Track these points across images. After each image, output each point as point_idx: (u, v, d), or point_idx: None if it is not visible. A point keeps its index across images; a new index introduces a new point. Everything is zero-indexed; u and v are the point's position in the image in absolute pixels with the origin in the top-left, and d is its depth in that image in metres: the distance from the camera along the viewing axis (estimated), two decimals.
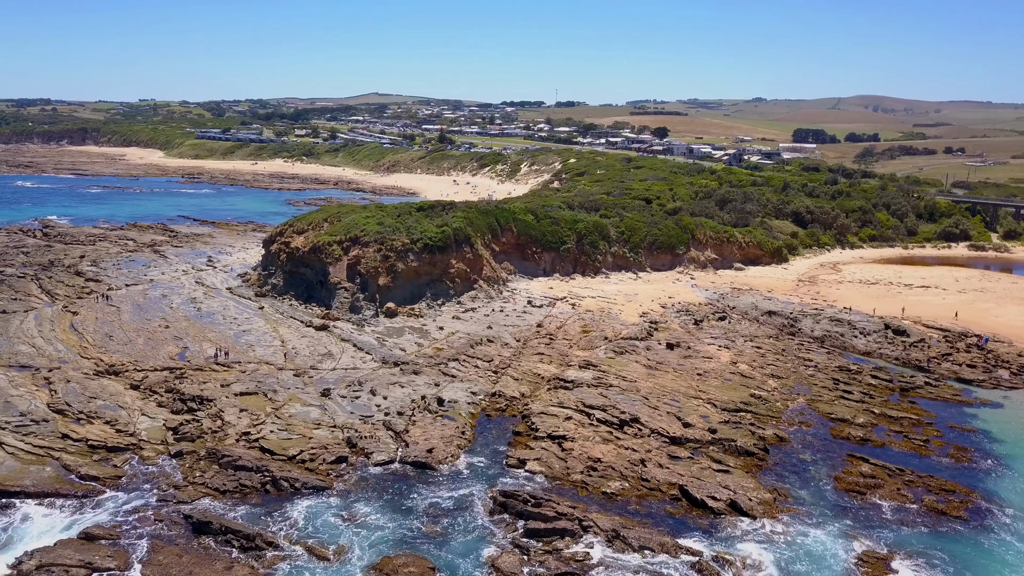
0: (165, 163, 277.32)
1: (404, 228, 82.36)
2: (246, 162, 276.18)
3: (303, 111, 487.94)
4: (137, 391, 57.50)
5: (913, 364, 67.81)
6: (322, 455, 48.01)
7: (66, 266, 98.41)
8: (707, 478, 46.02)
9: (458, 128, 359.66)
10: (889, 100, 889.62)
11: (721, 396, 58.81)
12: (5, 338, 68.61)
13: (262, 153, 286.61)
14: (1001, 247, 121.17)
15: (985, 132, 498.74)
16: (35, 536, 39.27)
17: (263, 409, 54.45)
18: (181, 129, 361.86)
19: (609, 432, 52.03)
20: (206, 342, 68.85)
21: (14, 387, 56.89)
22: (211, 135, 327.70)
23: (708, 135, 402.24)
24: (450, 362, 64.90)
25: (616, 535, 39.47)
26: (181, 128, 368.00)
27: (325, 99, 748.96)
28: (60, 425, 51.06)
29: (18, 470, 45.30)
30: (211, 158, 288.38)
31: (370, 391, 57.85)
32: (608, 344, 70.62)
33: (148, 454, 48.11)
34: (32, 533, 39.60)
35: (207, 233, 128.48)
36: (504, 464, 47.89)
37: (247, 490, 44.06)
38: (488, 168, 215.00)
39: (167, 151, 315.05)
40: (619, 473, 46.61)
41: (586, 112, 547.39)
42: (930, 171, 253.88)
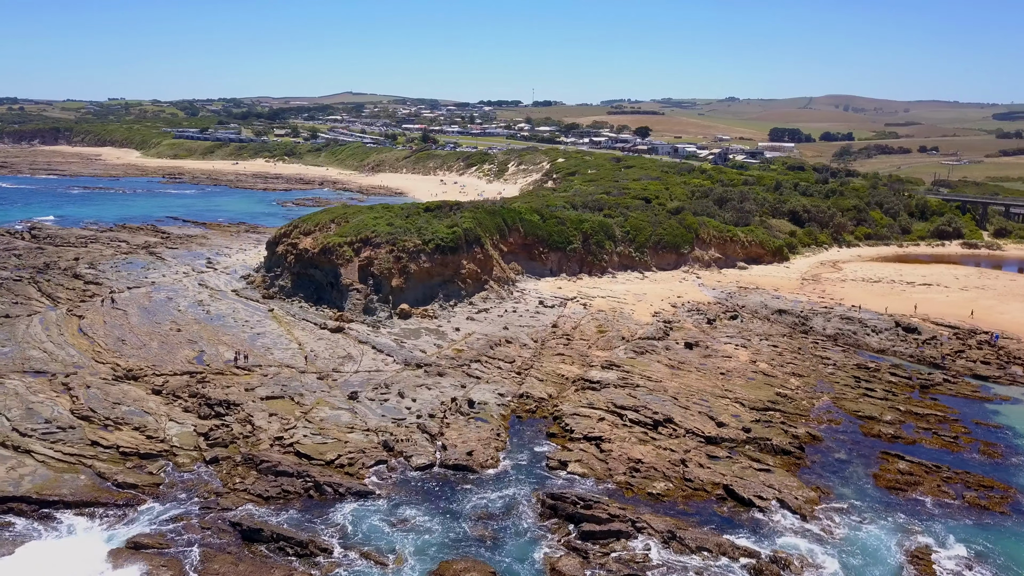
0: (144, 163, 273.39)
1: (415, 229, 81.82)
2: (226, 162, 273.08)
3: (280, 110, 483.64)
4: (160, 396, 56.51)
5: (928, 361, 68.62)
6: (360, 459, 47.49)
7: (62, 269, 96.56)
8: (749, 477, 46.18)
9: (438, 127, 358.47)
10: (859, 100, 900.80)
11: (748, 395, 59.07)
12: (14, 343, 67.13)
13: (242, 153, 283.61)
14: (993, 245, 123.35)
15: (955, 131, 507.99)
16: (80, 546, 38.38)
17: (292, 413, 53.75)
18: (157, 129, 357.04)
19: (644, 433, 52.01)
20: (222, 345, 67.88)
21: (33, 393, 55.64)
22: (188, 135, 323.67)
23: (686, 134, 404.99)
24: (472, 363, 64.55)
25: (672, 536, 39.45)
26: (157, 128, 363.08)
27: (299, 98, 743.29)
28: (88, 432, 50.02)
29: (52, 479, 44.29)
30: (190, 158, 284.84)
31: (398, 393, 57.36)
32: (626, 344, 70.67)
33: (183, 460, 47.28)
34: (77, 543, 38.68)
35: (200, 235, 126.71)
36: (545, 466, 47.67)
37: (290, 496, 43.46)
38: (475, 168, 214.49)
39: (144, 151, 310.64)
40: (661, 474, 46.61)
41: (563, 111, 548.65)
42: (908, 170, 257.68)
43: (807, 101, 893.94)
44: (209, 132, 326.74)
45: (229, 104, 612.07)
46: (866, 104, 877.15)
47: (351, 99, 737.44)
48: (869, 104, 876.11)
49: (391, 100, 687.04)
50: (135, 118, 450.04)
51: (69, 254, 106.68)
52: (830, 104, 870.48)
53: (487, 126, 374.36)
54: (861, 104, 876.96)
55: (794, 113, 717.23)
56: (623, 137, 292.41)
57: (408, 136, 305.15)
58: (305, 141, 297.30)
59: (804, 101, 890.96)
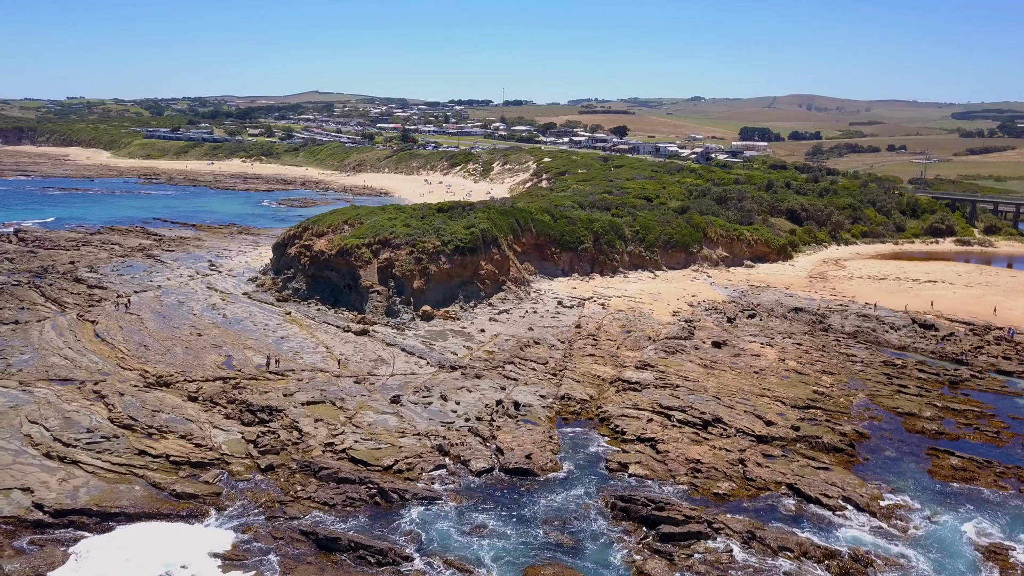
0: (116, 164, 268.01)
1: (432, 230, 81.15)
2: (202, 162, 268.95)
3: (250, 109, 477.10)
4: (196, 403, 55.31)
5: (950, 357, 69.71)
6: (419, 464, 46.88)
7: (61, 273, 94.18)
8: (809, 475, 46.43)
9: (413, 127, 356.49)
10: (821, 99, 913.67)
11: (786, 393, 59.46)
12: (32, 350, 65.24)
13: (217, 153, 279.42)
14: (985, 242, 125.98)
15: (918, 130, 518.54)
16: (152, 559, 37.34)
17: (336, 418, 52.92)
18: (125, 128, 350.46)
19: (695, 433, 52.07)
20: (248, 350, 66.65)
21: (65, 402, 54.08)
22: (160, 134, 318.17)
23: (659, 134, 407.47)
24: (506, 365, 64.16)
25: (752, 536, 39.50)
26: (124, 127, 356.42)
27: (265, 97, 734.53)
28: (133, 441, 48.73)
29: (107, 490, 43.05)
30: (163, 158, 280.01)
31: (440, 396, 56.79)
32: (654, 344, 70.79)
33: (237, 469, 46.26)
34: (148, 556, 37.61)
35: (193, 237, 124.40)
36: (604, 468, 47.50)
37: (356, 503, 42.74)
38: (459, 167, 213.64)
39: (114, 151, 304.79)
40: (723, 473, 46.69)
41: (534, 111, 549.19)
42: (881, 168, 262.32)
43: (771, 100, 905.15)
44: (181, 132, 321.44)
45: (195, 103, 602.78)
46: (828, 104, 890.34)
47: (318, 98, 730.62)
48: (831, 103, 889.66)
49: (359, 99, 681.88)
50: (99, 117, 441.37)
51: (63, 257, 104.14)
52: (794, 103, 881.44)
53: (463, 125, 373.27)
54: (823, 103, 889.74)
55: (760, 112, 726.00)
56: (602, 137, 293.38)
57: (386, 136, 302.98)
58: (281, 141, 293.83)
59: (768, 100, 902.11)
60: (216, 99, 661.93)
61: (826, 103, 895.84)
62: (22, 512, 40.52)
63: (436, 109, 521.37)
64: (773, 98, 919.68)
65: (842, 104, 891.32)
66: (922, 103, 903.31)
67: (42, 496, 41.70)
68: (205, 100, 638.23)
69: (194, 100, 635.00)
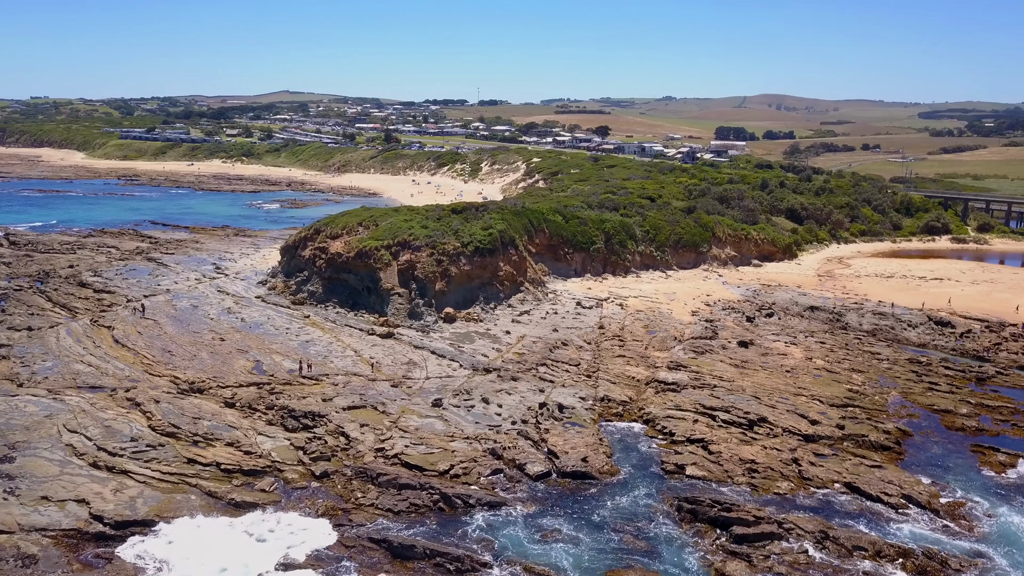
0: (93, 165, 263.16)
1: (451, 231, 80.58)
2: (181, 163, 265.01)
3: (224, 109, 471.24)
4: (234, 409, 54.35)
5: (971, 354, 70.65)
6: (475, 469, 46.42)
7: (64, 277, 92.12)
8: (864, 474, 46.70)
9: (392, 127, 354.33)
10: (791, 99, 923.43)
11: (822, 392, 59.82)
12: (54, 357, 63.69)
13: (196, 154, 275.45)
14: (980, 240, 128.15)
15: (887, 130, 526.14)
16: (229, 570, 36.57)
17: (380, 423, 52.27)
18: (98, 129, 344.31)
19: (742, 433, 52.18)
20: (275, 355, 65.64)
21: (100, 410, 52.88)
22: (135, 135, 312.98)
23: (636, 133, 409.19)
24: (539, 367, 63.88)
25: (825, 536, 39.62)
26: (97, 128, 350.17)
27: (236, 97, 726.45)
28: (180, 449, 47.75)
29: (165, 500, 42.12)
30: (141, 159, 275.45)
31: (482, 400, 56.36)
32: (681, 344, 70.90)
33: (291, 476, 45.48)
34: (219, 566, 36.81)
35: (189, 239, 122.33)
36: (660, 470, 47.42)
37: (421, 509, 42.21)
38: (447, 168, 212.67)
39: (88, 152, 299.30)
40: (779, 473, 46.83)
41: (510, 111, 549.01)
42: (859, 167, 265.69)
43: (741, 100, 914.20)
44: (157, 132, 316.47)
45: (165, 103, 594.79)
46: (797, 103, 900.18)
47: (289, 98, 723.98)
48: (800, 103, 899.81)
49: (332, 99, 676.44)
50: (67, 118, 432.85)
51: (61, 261, 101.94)
52: (763, 103, 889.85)
53: (444, 125, 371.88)
54: (792, 103, 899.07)
55: (731, 112, 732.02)
56: (585, 137, 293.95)
57: (368, 136, 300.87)
58: (261, 141, 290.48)
59: (739, 100, 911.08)
60: (186, 99, 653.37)
61: (795, 103, 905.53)
62: (81, 524, 39.55)
63: (412, 109, 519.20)
64: (743, 98, 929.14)
65: (811, 104, 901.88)
66: (889, 103, 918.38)
67: (100, 508, 40.69)
68: (175, 100, 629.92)
69: (164, 100, 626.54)
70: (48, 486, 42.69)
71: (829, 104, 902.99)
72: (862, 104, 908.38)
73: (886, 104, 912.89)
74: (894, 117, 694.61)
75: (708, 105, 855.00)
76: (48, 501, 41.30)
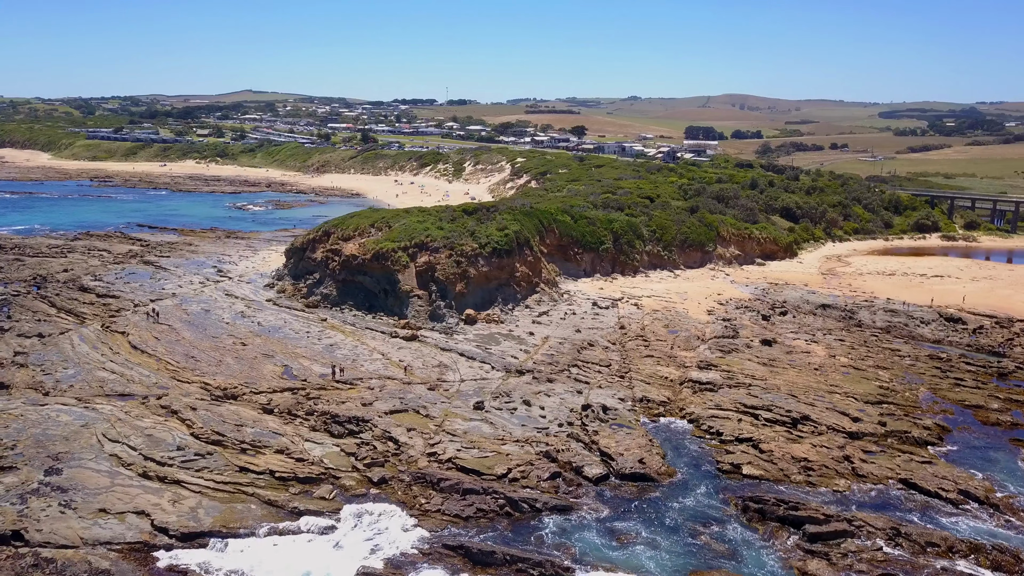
0: (61, 165, 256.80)
1: (468, 232, 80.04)
2: (153, 163, 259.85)
3: (190, 109, 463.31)
4: (273, 415, 53.31)
5: (986, 350, 71.94)
6: (533, 472, 46.01)
7: (62, 282, 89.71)
8: (917, 470, 47.23)
9: (365, 127, 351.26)
10: (753, 99, 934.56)
11: (854, 389, 60.42)
12: (73, 364, 61.96)
13: (169, 154, 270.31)
14: (969, 237, 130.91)
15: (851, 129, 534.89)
16: None
17: (426, 427, 51.69)
18: (62, 128, 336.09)
19: (787, 432, 52.49)
20: (302, 359, 64.56)
21: (136, 419, 51.51)
22: (103, 135, 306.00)
23: (608, 133, 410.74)
24: (571, 368, 63.68)
25: (896, 532, 39.96)
26: (61, 127, 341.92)
27: (199, 96, 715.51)
28: (229, 457, 46.68)
29: (226, 510, 41.14)
30: (111, 159, 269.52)
31: (523, 402, 56.00)
32: (705, 344, 71.20)
33: (349, 483, 44.72)
34: None
35: (181, 242, 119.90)
36: (716, 470, 47.49)
37: (488, 514, 41.75)
38: (429, 168, 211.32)
39: (54, 152, 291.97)
40: (834, 471, 47.17)
41: (480, 110, 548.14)
42: (832, 166, 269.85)
43: (705, 100, 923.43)
44: (125, 132, 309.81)
45: (127, 103, 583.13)
46: (760, 103, 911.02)
47: (253, 97, 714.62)
48: (763, 103, 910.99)
49: (298, 99, 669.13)
50: (26, 117, 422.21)
51: (54, 265, 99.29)
52: (727, 103, 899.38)
53: (418, 125, 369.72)
54: (755, 103, 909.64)
55: (696, 112, 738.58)
56: (563, 137, 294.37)
57: (343, 136, 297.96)
58: (235, 141, 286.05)
59: (703, 100, 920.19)
60: (148, 98, 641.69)
61: (758, 102, 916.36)
62: (146, 537, 38.50)
63: (382, 108, 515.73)
64: (707, 97, 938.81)
65: (773, 103, 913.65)
66: (849, 102, 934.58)
67: (162, 519, 39.63)
68: (137, 99, 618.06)
69: (125, 99, 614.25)
70: (103, 498, 41.45)
71: (791, 104, 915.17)
72: (823, 104, 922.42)
73: (846, 104, 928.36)
74: (855, 116, 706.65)
75: (673, 105, 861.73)
76: (106, 514, 40.10)
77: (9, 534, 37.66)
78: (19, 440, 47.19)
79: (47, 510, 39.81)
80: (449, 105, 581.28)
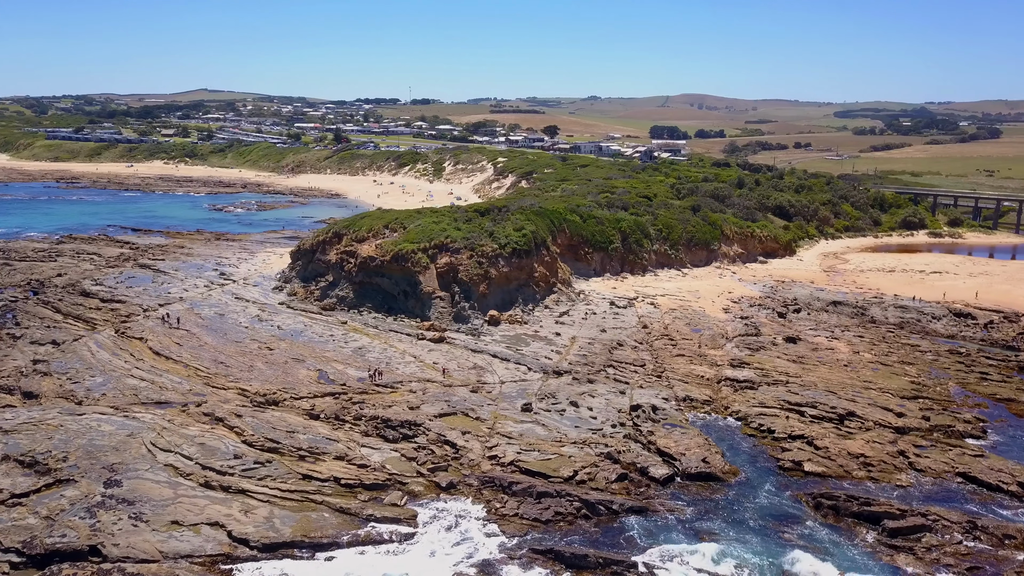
0: (23, 167, 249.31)
1: (486, 233, 79.51)
2: (119, 164, 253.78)
3: (148, 108, 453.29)
4: (319, 421, 52.30)
5: (1000, 344, 73.62)
6: (600, 474, 45.80)
7: (60, 287, 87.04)
8: (971, 463, 48.04)
9: (333, 126, 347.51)
10: (711, 98, 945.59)
11: (888, 385, 61.33)
12: (99, 371, 60.09)
13: (134, 154, 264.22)
14: (955, 234, 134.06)
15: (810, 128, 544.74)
16: None
17: (479, 430, 51.17)
18: (18, 128, 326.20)
19: (836, 428, 53.03)
20: (334, 363, 63.47)
21: (182, 427, 50.07)
22: (63, 135, 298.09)
23: (575, 133, 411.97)
24: (607, 368, 63.60)
25: (973, 526, 40.56)
26: (17, 127, 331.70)
27: (153, 96, 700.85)
28: (290, 465, 45.62)
29: (301, 519, 40.19)
30: (75, 160, 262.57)
31: (570, 403, 55.74)
32: (731, 342, 71.66)
33: (417, 489, 44.04)
34: None
35: (172, 245, 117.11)
36: (777, 467, 47.77)
37: (567, 517, 41.43)
38: (408, 168, 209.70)
39: (12, 153, 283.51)
40: (892, 466, 47.76)
41: (444, 110, 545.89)
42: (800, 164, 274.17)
43: (664, 99, 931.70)
44: (87, 132, 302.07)
45: (80, 102, 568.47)
46: (718, 103, 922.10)
47: (209, 96, 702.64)
48: (720, 103, 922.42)
49: (257, 98, 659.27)
50: None
51: (46, 270, 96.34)
52: (685, 103, 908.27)
53: (388, 125, 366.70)
54: (713, 103, 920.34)
55: (655, 111, 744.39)
56: (538, 136, 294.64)
57: (315, 136, 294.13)
58: (202, 142, 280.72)
59: (662, 99, 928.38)
60: (101, 97, 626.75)
61: (716, 102, 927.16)
62: (227, 548, 37.46)
63: (346, 108, 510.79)
64: (666, 97, 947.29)
65: (730, 103, 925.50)
66: (804, 102, 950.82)
67: (240, 530, 38.58)
68: (90, 98, 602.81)
69: (78, 98, 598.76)
70: (171, 510, 40.18)
71: (748, 103, 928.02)
72: (779, 103, 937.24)
73: (801, 103, 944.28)
74: (810, 116, 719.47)
75: (633, 105, 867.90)
76: (179, 526, 38.89)
77: (86, 549, 36.34)
78: (69, 451, 45.53)
79: (119, 523, 38.47)
80: (413, 104, 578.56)
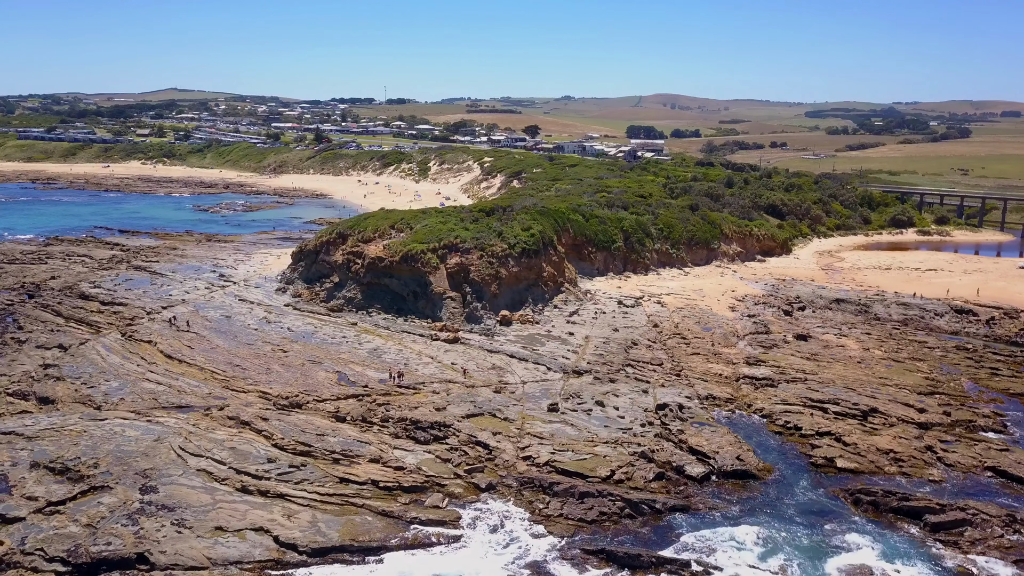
0: None
1: (495, 233, 79.25)
2: (95, 164, 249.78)
3: (122, 108, 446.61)
4: (346, 423, 51.76)
5: (1004, 340, 74.82)
6: (637, 473, 45.78)
7: (57, 290, 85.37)
8: (999, 457, 48.70)
9: (312, 126, 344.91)
10: (684, 98, 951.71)
11: (903, 381, 62.00)
12: (113, 376, 58.97)
13: (111, 155, 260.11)
14: (943, 232, 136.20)
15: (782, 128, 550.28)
16: None
17: (508, 430, 50.95)
18: None
19: (860, 424, 53.49)
20: (351, 364, 62.87)
21: (208, 431, 49.26)
22: (35, 135, 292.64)
23: (554, 133, 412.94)
24: (625, 367, 63.66)
25: (1012, 519, 41.11)
26: None
27: (122, 95, 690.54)
28: (326, 468, 45.06)
29: (346, 523, 39.70)
30: (49, 160, 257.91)
31: (596, 403, 55.68)
32: (743, 340, 72.07)
33: (456, 490, 43.71)
34: None
35: (163, 247, 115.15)
36: (808, 464, 48.09)
37: (612, 517, 41.35)
38: (393, 167, 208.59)
39: None
40: (922, 461, 48.28)
41: (421, 109, 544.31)
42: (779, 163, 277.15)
43: (638, 99, 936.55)
44: (60, 132, 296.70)
45: (48, 101, 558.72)
46: (690, 103, 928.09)
47: (179, 96, 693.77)
48: (693, 103, 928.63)
49: (229, 97, 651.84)
50: None
51: (37, 272, 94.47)
52: (658, 103, 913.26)
53: (367, 124, 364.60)
54: (686, 103, 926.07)
55: (629, 111, 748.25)
56: (521, 136, 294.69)
57: (294, 136, 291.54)
58: (180, 142, 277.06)
59: (635, 99, 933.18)
60: (69, 96, 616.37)
61: (688, 102, 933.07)
62: (276, 554, 36.95)
63: (321, 107, 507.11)
64: (639, 97, 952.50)
65: (703, 103, 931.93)
66: (775, 102, 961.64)
67: (286, 536, 38.03)
68: (58, 98, 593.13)
69: (46, 97, 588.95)
70: (213, 515, 39.49)
71: (720, 103, 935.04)
72: (750, 104, 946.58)
73: (772, 103, 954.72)
74: (782, 116, 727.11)
75: (606, 104, 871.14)
76: (224, 532, 38.23)
77: (134, 557, 35.60)
78: (98, 458, 44.56)
79: (162, 530, 37.72)
80: (389, 104, 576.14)
